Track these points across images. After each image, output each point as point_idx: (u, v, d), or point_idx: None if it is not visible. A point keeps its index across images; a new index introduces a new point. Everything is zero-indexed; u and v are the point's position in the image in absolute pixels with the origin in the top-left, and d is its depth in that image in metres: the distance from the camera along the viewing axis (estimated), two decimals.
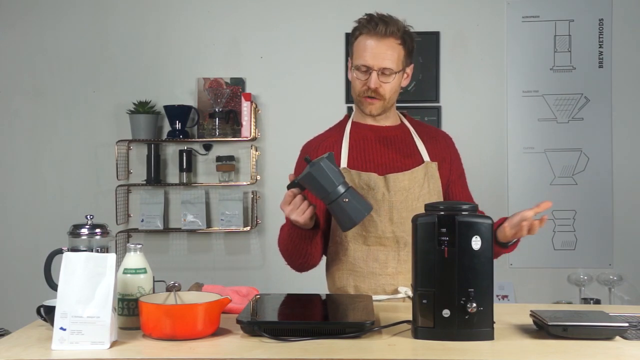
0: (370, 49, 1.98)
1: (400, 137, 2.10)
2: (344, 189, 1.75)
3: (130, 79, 3.89)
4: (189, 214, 3.78)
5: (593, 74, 3.77)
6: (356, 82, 2.03)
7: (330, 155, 1.78)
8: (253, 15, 3.87)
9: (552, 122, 3.79)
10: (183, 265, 3.85)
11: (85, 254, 1.52)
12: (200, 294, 1.67)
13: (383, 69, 1.98)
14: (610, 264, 3.73)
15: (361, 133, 2.10)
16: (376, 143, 2.08)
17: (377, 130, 2.10)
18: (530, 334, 1.54)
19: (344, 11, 3.81)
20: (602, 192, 3.76)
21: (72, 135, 3.90)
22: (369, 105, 2.05)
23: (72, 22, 3.90)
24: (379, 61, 1.98)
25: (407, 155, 2.06)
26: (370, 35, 1.99)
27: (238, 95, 3.80)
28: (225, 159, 3.76)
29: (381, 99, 2.03)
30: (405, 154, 2.07)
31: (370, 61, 1.98)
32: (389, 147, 2.07)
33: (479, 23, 3.79)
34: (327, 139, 2.15)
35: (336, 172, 1.75)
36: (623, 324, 1.50)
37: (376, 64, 1.98)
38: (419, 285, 1.51)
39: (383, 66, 1.98)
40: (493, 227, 1.52)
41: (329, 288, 2.14)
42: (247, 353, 1.41)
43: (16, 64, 3.92)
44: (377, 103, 2.04)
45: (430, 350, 1.42)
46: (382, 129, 2.11)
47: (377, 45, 1.98)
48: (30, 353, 1.41)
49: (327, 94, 3.83)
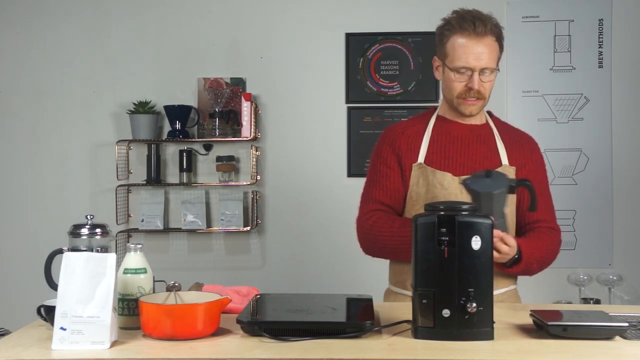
0: (471, 49, 1.95)
1: (483, 137, 2.07)
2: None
3: (130, 79, 3.89)
4: (189, 214, 3.77)
5: (593, 74, 3.77)
6: (456, 84, 2.00)
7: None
8: (253, 15, 3.87)
9: (552, 122, 3.79)
10: (183, 265, 3.85)
11: (85, 254, 1.52)
12: (200, 294, 1.67)
13: (484, 68, 1.96)
14: (610, 264, 3.73)
15: (445, 128, 2.08)
16: (458, 140, 2.06)
17: (462, 128, 2.08)
18: (530, 334, 1.55)
19: (344, 11, 3.82)
20: (602, 192, 3.75)
21: (72, 135, 3.90)
22: (470, 107, 2.02)
23: (72, 22, 3.90)
24: (480, 61, 1.96)
25: (486, 156, 2.04)
26: (468, 34, 1.95)
27: (238, 95, 3.81)
28: (225, 159, 3.76)
29: (482, 98, 2.02)
30: (485, 155, 2.04)
31: (472, 62, 1.95)
32: (469, 146, 2.05)
33: None
34: (411, 127, 2.12)
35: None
36: (623, 323, 1.50)
37: (477, 65, 1.96)
38: (419, 285, 1.51)
39: (484, 66, 1.96)
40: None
41: (390, 278, 2.14)
42: (247, 353, 1.41)
43: (16, 64, 3.92)
44: (479, 103, 2.03)
45: (430, 350, 1.42)
46: (467, 127, 2.08)
47: (476, 45, 1.95)
48: (31, 353, 1.41)
49: (327, 94, 3.83)
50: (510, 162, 2.05)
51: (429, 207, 1.57)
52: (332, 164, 3.80)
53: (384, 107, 3.80)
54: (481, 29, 1.94)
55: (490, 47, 1.97)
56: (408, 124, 2.16)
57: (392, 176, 2.07)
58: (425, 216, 1.53)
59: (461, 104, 2.03)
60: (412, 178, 2.04)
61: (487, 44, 1.96)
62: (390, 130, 2.16)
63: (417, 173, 2.03)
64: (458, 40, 1.97)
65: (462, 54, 1.96)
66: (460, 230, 1.48)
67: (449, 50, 1.99)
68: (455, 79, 1.99)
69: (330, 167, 3.79)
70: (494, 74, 2.01)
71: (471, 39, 1.95)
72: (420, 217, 1.53)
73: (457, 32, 1.97)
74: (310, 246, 3.80)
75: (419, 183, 2.02)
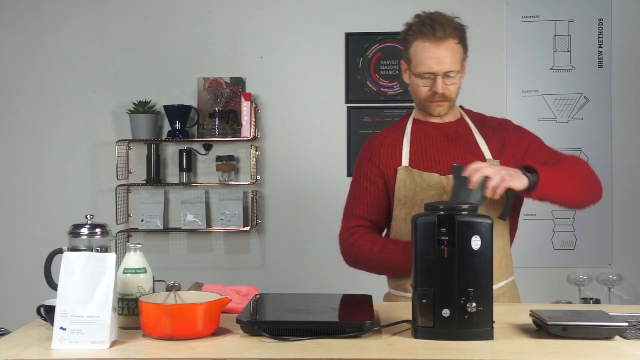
0: (433, 55, 1.96)
1: (460, 133, 2.09)
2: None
3: (130, 79, 3.89)
4: (189, 214, 3.78)
5: (593, 74, 3.77)
6: (421, 89, 2.02)
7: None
8: (253, 15, 3.87)
9: (552, 122, 3.79)
10: (183, 265, 3.85)
11: (85, 254, 1.52)
12: (200, 294, 1.67)
13: (447, 72, 1.97)
14: (610, 264, 3.73)
15: (422, 131, 2.10)
16: (438, 140, 2.07)
17: (439, 128, 2.09)
18: (530, 334, 1.55)
19: (344, 11, 3.82)
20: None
21: (72, 135, 3.90)
22: (437, 108, 2.05)
23: (72, 22, 3.90)
24: (443, 66, 1.96)
25: (468, 150, 2.05)
26: (429, 39, 1.96)
27: (238, 95, 3.81)
28: (225, 159, 3.76)
29: (448, 100, 2.03)
30: (467, 149, 2.05)
31: (435, 67, 1.96)
32: (450, 144, 2.07)
33: (479, 23, 3.79)
34: (390, 135, 2.14)
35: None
36: (623, 323, 1.50)
37: (440, 69, 1.96)
38: (419, 285, 1.51)
39: (447, 70, 1.97)
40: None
41: (390, 285, 2.15)
42: (247, 353, 1.41)
43: (16, 64, 3.92)
44: (445, 104, 2.04)
45: (430, 350, 1.42)
46: (443, 125, 2.10)
47: (437, 49, 1.95)
48: (31, 353, 1.41)
49: (327, 94, 3.83)
50: (492, 151, 2.05)
51: (429, 207, 1.57)
52: (332, 164, 3.80)
53: (384, 107, 3.80)
54: (441, 33, 1.95)
55: (452, 51, 1.97)
56: (386, 133, 2.18)
57: (373, 190, 2.09)
58: (425, 216, 1.53)
59: (429, 107, 2.06)
60: (398, 182, 2.05)
61: (449, 48, 1.97)
62: (370, 143, 2.18)
63: (404, 176, 2.04)
64: (420, 45, 1.98)
65: (424, 60, 1.97)
66: (460, 230, 1.48)
67: (412, 56, 2.01)
68: (420, 84, 2.02)
69: (330, 167, 3.79)
70: (459, 76, 2.02)
71: (432, 44, 1.96)
72: (420, 217, 1.53)
73: (419, 38, 1.98)
74: (310, 246, 3.79)
75: (407, 186, 2.03)
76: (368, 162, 2.12)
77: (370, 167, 2.11)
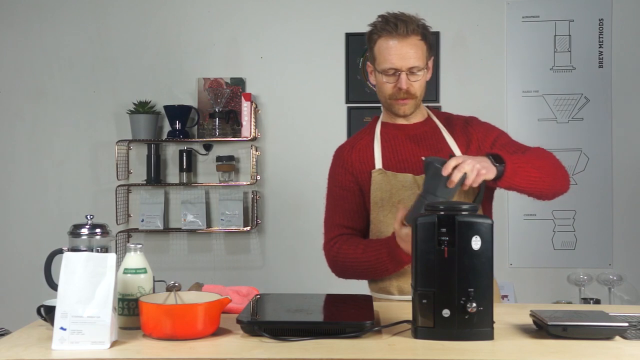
0: (395, 50, 1.98)
1: (429, 133, 2.09)
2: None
3: (130, 79, 3.89)
4: (189, 214, 3.78)
5: (593, 74, 3.77)
6: (385, 85, 2.03)
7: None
8: (253, 15, 3.87)
9: (552, 122, 3.79)
10: (183, 265, 3.86)
11: (85, 254, 1.52)
12: (200, 294, 1.67)
13: (411, 68, 1.99)
14: (610, 264, 3.73)
15: (391, 133, 2.11)
16: (407, 141, 2.08)
17: (406, 129, 2.10)
18: (530, 334, 1.54)
19: (344, 11, 3.82)
20: (602, 192, 3.76)
21: (72, 135, 3.90)
22: (402, 107, 2.05)
23: (72, 22, 3.90)
24: (406, 61, 1.98)
25: (438, 149, 2.05)
26: (392, 36, 1.98)
27: (238, 95, 3.81)
28: (225, 159, 3.76)
29: (413, 97, 2.04)
30: (437, 148, 2.06)
31: (397, 63, 1.98)
32: (419, 144, 2.07)
33: (479, 23, 3.80)
34: (359, 141, 2.15)
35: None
36: (623, 323, 1.50)
37: (404, 65, 1.98)
38: (419, 285, 1.51)
39: (411, 65, 1.98)
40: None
41: (371, 288, 2.14)
42: (247, 353, 1.41)
43: (17, 64, 3.92)
44: (410, 102, 2.05)
45: (430, 350, 1.42)
46: (411, 126, 2.11)
47: (401, 45, 1.98)
48: (31, 353, 1.41)
49: (327, 94, 3.83)
50: (460, 148, 2.05)
51: (429, 207, 1.57)
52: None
53: None
54: (403, 29, 1.97)
55: (416, 47, 1.99)
56: (355, 139, 2.18)
57: (350, 197, 2.10)
58: (425, 216, 1.53)
59: (393, 105, 2.06)
60: (372, 184, 2.05)
61: (412, 44, 1.99)
62: (340, 150, 2.18)
63: (379, 178, 2.04)
64: (383, 43, 2.00)
65: (387, 56, 1.99)
66: (460, 230, 1.48)
67: (376, 54, 2.03)
68: (384, 81, 2.03)
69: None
70: (422, 73, 2.02)
71: (395, 40, 1.98)
72: (420, 217, 1.53)
73: (382, 35, 2.00)
74: (310, 246, 3.78)
75: (382, 188, 2.03)
76: (341, 170, 2.12)
77: (344, 174, 2.11)
